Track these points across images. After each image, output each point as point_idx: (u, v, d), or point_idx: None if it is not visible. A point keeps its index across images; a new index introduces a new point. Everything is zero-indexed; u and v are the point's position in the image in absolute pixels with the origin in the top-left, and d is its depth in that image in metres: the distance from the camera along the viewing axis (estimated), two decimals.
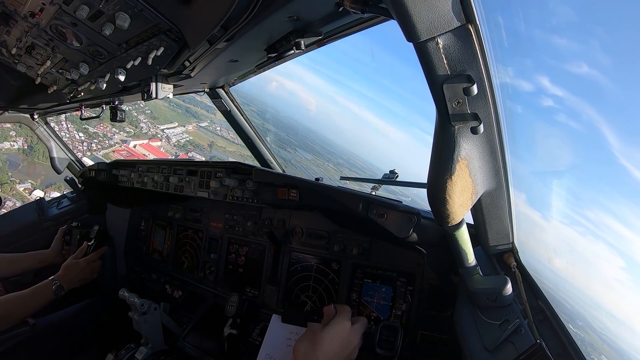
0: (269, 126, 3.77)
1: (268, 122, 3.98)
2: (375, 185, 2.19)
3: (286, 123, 8.39)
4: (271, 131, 3.45)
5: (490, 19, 0.73)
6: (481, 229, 1.10)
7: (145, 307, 1.88)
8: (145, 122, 26.23)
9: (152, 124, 26.60)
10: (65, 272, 2.15)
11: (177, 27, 1.19)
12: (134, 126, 25.46)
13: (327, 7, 1.03)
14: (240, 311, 1.88)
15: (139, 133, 25.33)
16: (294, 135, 7.85)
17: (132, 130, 25.39)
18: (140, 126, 25.89)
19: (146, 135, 25.31)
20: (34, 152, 20.04)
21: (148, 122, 26.40)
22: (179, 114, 28.97)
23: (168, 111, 28.81)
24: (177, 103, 28.44)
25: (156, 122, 26.94)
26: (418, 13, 0.63)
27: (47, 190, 17.67)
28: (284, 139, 6.82)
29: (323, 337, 1.10)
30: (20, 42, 1.54)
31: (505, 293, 1.02)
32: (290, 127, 8.48)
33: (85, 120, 2.58)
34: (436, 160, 0.84)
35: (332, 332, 1.12)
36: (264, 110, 4.78)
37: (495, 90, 0.77)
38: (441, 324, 1.55)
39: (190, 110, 27.84)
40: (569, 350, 0.95)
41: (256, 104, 3.38)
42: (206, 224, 2.40)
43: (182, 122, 28.19)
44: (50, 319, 2.11)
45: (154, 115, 27.48)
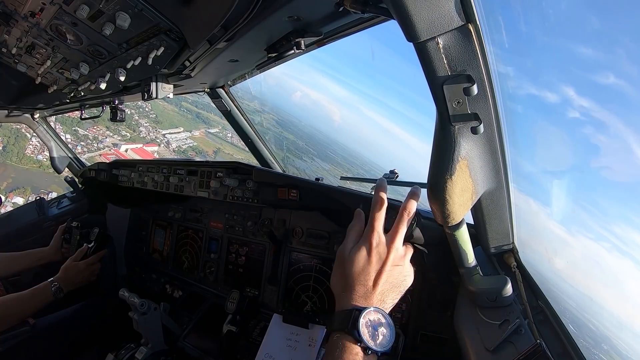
0: (288, 134, 3.76)
1: (287, 131, 3.97)
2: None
3: (306, 132, 8.31)
4: (289, 139, 3.44)
5: (490, 19, 0.73)
6: (481, 229, 1.10)
7: (145, 307, 1.88)
8: (146, 126, 25.69)
9: (154, 128, 26.00)
10: (64, 274, 2.15)
11: (178, 27, 1.19)
12: (132, 130, 24.96)
13: (327, 7, 1.03)
14: (241, 308, 1.88)
15: (135, 137, 24.80)
16: (313, 144, 7.76)
17: (129, 133, 24.85)
18: (139, 130, 25.39)
19: (144, 139, 24.82)
20: (8, 153, 19.61)
21: (149, 126, 25.86)
22: (189, 120, 28.38)
23: (176, 116, 28.29)
24: (188, 108, 27.62)
25: (159, 127, 26.43)
26: (418, 13, 0.63)
27: (10, 195, 17.13)
28: (301, 148, 6.75)
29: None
30: (21, 42, 1.54)
31: (505, 293, 1.03)
32: (311, 136, 8.38)
33: (85, 120, 2.59)
34: (436, 160, 0.84)
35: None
36: (284, 118, 4.72)
37: (495, 90, 0.77)
38: (441, 324, 1.55)
39: (201, 116, 27.42)
40: (569, 350, 0.95)
41: (276, 112, 3.36)
42: (206, 224, 2.40)
43: (189, 127, 27.48)
44: (51, 319, 2.11)
45: (158, 119, 26.98)
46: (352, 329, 0.82)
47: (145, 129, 25.54)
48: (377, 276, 0.90)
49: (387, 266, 0.91)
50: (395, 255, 0.92)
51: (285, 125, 3.91)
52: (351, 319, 0.83)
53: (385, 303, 0.89)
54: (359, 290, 0.89)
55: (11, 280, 2.31)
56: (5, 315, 1.87)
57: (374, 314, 0.85)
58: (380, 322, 0.85)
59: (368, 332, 0.83)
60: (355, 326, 0.82)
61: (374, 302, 0.88)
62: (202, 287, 2.35)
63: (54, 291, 2.04)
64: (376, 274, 0.90)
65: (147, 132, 25.57)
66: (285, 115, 4.60)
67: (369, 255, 0.91)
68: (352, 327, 0.82)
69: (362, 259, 0.91)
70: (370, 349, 0.82)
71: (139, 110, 26.38)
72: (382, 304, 0.89)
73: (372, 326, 0.84)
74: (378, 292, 0.89)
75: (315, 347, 1.60)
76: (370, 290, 0.89)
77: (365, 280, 0.90)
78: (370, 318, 0.85)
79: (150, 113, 26.29)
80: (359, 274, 0.90)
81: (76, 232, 2.48)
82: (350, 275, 0.91)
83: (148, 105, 26.74)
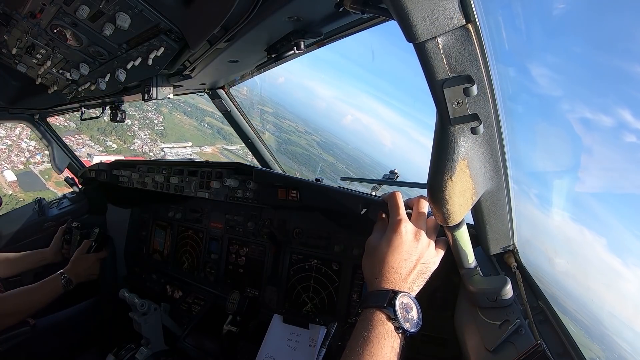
0: (328, 156, 3.77)
1: (327, 152, 3.99)
2: (375, 186, 2.19)
3: (351, 154, 8.27)
4: (327, 161, 3.43)
5: (490, 19, 0.73)
6: (481, 229, 1.09)
7: (146, 307, 1.88)
8: (143, 138, 23.88)
9: (153, 141, 24.10)
10: (73, 265, 2.17)
11: (178, 28, 1.19)
12: (122, 141, 23.32)
13: (327, 8, 1.03)
14: (241, 309, 1.88)
15: (123, 149, 23.00)
16: (355, 167, 7.70)
17: (117, 145, 23.07)
18: (133, 142, 23.49)
19: (133, 152, 23.29)
20: None
21: (147, 139, 24.06)
22: (206, 135, 26.41)
23: (192, 130, 26.18)
24: (210, 123, 25.94)
25: (162, 140, 24.44)
26: (418, 13, 0.63)
27: None
28: (338, 170, 6.67)
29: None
30: (21, 43, 1.54)
31: (505, 293, 1.02)
32: (356, 159, 8.32)
33: (85, 120, 2.59)
34: (436, 160, 0.84)
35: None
36: (328, 140, 4.71)
37: (495, 91, 0.77)
38: (441, 324, 1.55)
39: (222, 132, 25.91)
40: (569, 350, 0.95)
41: (320, 134, 3.36)
42: (206, 225, 2.40)
43: (201, 142, 25.65)
44: (51, 319, 2.11)
45: (164, 132, 24.95)
46: (388, 306, 0.88)
47: (142, 141, 23.89)
48: (408, 264, 0.96)
49: (416, 254, 0.97)
50: (423, 243, 0.99)
51: (326, 147, 3.92)
52: (387, 297, 0.90)
53: (413, 290, 0.96)
54: (390, 277, 0.94)
55: (11, 281, 2.31)
56: (15, 308, 1.88)
57: (406, 298, 0.92)
58: (411, 306, 0.92)
59: (401, 313, 0.89)
60: (392, 304, 0.88)
61: (405, 288, 0.94)
62: (202, 288, 2.35)
63: (64, 283, 2.06)
64: (407, 262, 0.96)
65: (141, 144, 23.74)
66: (329, 137, 4.60)
67: (400, 243, 0.97)
68: (388, 304, 0.89)
69: (393, 247, 0.96)
70: (402, 327, 0.88)
71: (145, 121, 24.92)
72: (411, 290, 0.95)
73: (405, 309, 0.90)
74: (409, 279, 0.95)
75: (316, 348, 1.60)
76: (402, 278, 0.95)
77: (397, 268, 0.95)
78: (404, 301, 0.91)
79: (158, 125, 25.00)
80: (391, 262, 0.95)
81: (76, 233, 2.48)
82: (383, 263, 0.96)
83: (159, 116, 25.40)
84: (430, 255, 1.00)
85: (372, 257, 0.99)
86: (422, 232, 0.99)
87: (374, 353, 0.84)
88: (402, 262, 0.95)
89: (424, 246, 0.99)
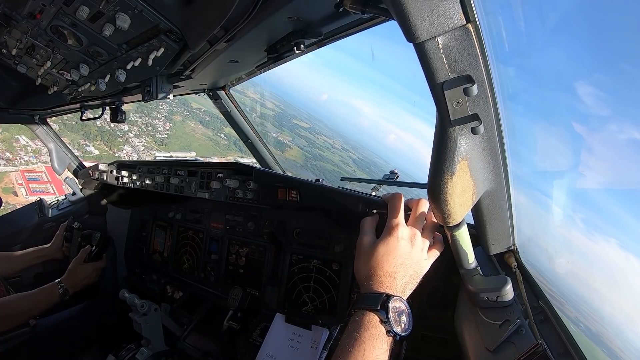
0: (361, 173, 3.67)
1: (361, 169, 3.90)
2: (375, 186, 2.19)
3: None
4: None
5: (490, 19, 0.73)
6: (482, 229, 1.09)
7: (146, 308, 1.88)
8: (137, 145, 22.32)
9: (147, 150, 22.49)
10: (70, 275, 2.18)
11: (178, 28, 1.19)
12: (108, 147, 21.99)
13: (327, 8, 1.03)
14: (242, 305, 1.88)
15: (105, 155, 21.46)
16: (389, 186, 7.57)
17: (99, 150, 21.61)
18: (122, 148, 21.92)
19: (117, 158, 22.50)
20: None
21: (142, 146, 22.51)
22: (220, 146, 25.38)
23: (203, 140, 25.08)
24: (228, 134, 24.90)
25: (161, 148, 23.20)
26: (418, 13, 0.63)
27: None
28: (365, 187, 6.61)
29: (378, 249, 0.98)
30: (21, 43, 1.54)
31: (506, 293, 1.02)
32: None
33: (84, 121, 2.59)
34: (436, 160, 0.83)
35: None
36: (366, 158, 4.67)
37: (495, 91, 0.77)
38: (441, 324, 1.55)
39: (238, 144, 24.08)
40: (570, 350, 0.95)
41: (359, 151, 3.32)
42: (207, 225, 2.40)
43: (211, 154, 24.59)
44: (51, 320, 2.11)
45: (166, 141, 23.74)
46: (381, 309, 0.89)
47: (133, 148, 22.56)
48: (402, 268, 0.96)
49: (410, 259, 0.97)
50: (417, 247, 0.99)
51: (362, 165, 3.90)
52: (380, 301, 0.90)
53: (405, 294, 0.97)
54: (384, 281, 0.95)
55: (12, 281, 2.32)
56: (12, 313, 1.88)
57: (399, 302, 0.93)
58: (402, 311, 0.93)
59: (393, 317, 0.90)
60: (384, 307, 0.89)
61: (398, 292, 0.95)
62: (202, 288, 2.35)
63: (61, 293, 2.07)
64: (401, 267, 0.96)
65: (130, 151, 22.29)
66: (367, 154, 4.58)
67: (394, 247, 0.97)
68: (381, 307, 0.89)
69: (388, 250, 0.97)
70: (393, 331, 0.89)
71: (147, 128, 23.99)
72: (403, 294, 0.96)
73: (397, 313, 0.91)
74: (402, 284, 0.96)
75: (318, 349, 1.60)
76: (396, 282, 0.95)
77: (392, 272, 0.96)
78: (396, 305, 0.92)
79: (161, 133, 24.26)
80: (385, 266, 0.96)
81: (77, 234, 2.49)
82: (377, 266, 0.97)
83: (168, 124, 24.30)
84: (423, 260, 1.01)
85: (366, 259, 1.00)
86: (417, 236, 1.00)
87: (365, 354, 0.85)
88: (397, 266, 0.96)
89: (418, 250, 0.99)
